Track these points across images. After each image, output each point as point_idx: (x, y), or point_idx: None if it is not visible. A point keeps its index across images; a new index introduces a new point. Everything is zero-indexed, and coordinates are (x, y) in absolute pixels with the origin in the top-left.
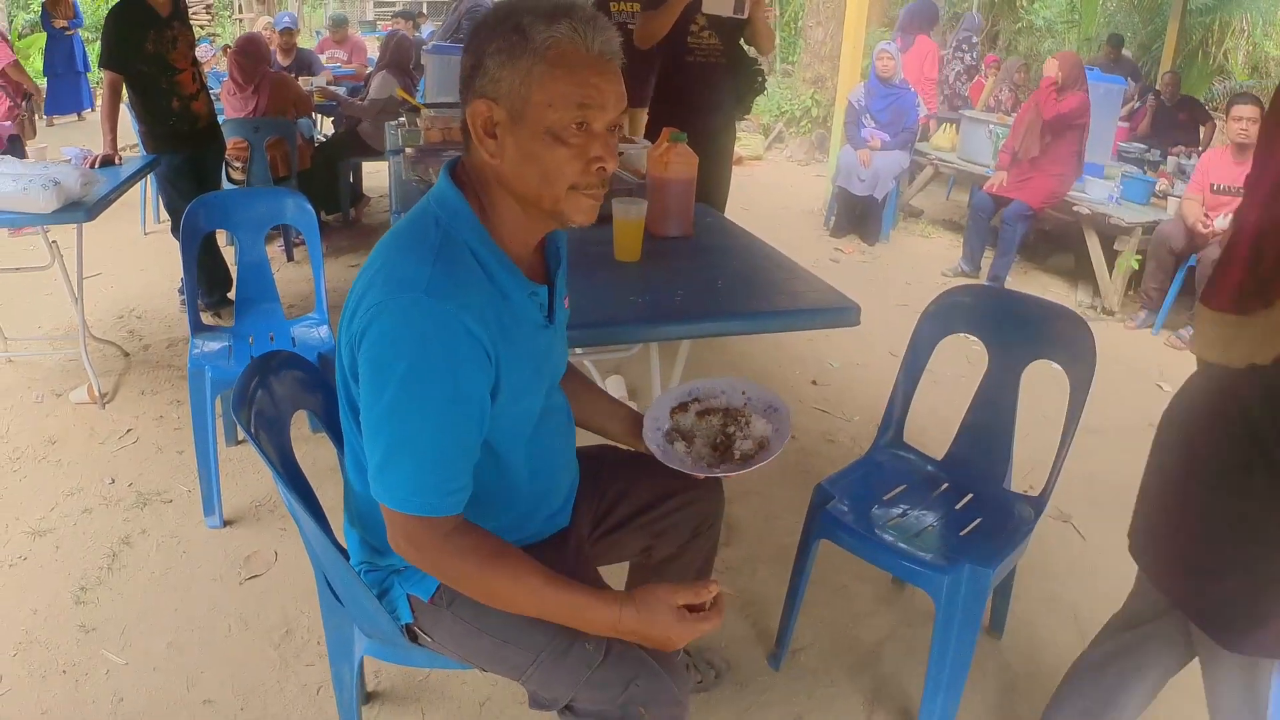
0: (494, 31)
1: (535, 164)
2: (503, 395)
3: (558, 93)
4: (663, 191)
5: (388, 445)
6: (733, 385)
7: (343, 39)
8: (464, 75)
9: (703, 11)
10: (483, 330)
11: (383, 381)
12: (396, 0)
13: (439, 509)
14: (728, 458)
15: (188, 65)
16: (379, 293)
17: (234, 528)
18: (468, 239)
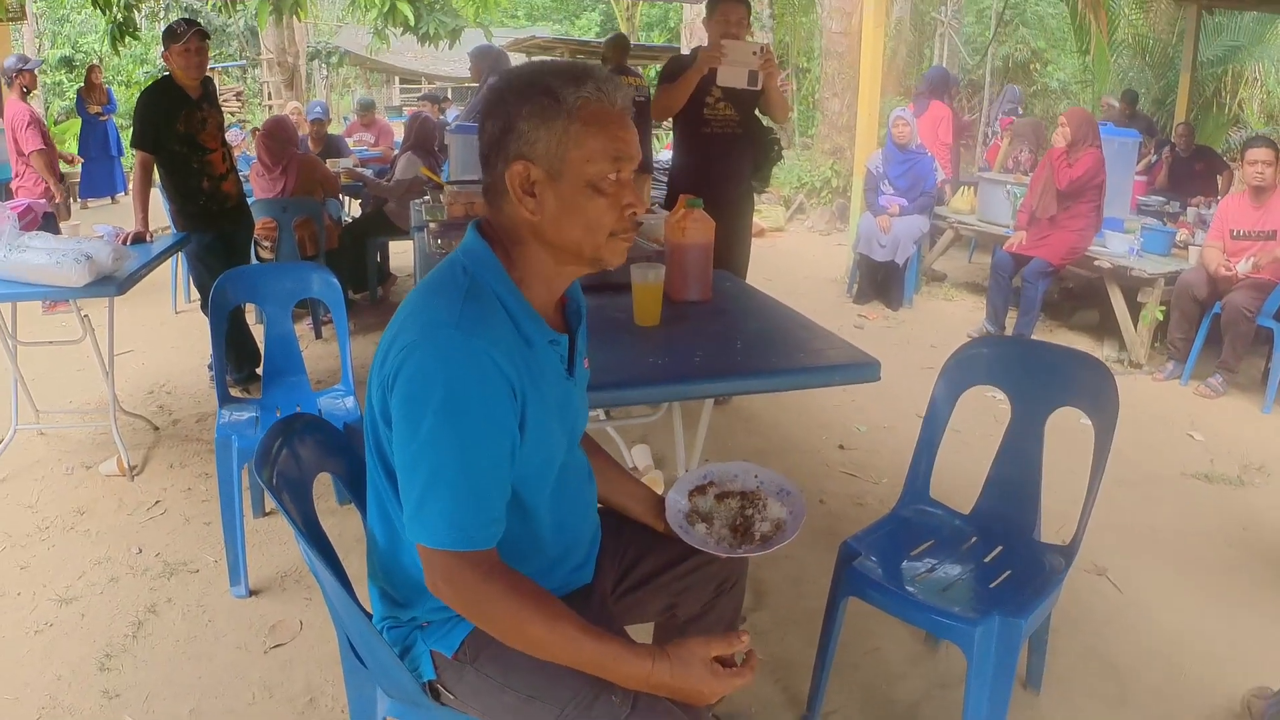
0: (522, 97)
1: (578, 215)
2: (528, 436)
3: (593, 149)
4: (681, 257)
5: (426, 480)
6: (745, 469)
7: (370, 122)
8: (492, 139)
9: (718, 84)
10: (509, 366)
11: (418, 415)
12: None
13: (477, 541)
14: (747, 539)
15: (218, 146)
16: (411, 333)
17: (259, 597)
18: (494, 286)
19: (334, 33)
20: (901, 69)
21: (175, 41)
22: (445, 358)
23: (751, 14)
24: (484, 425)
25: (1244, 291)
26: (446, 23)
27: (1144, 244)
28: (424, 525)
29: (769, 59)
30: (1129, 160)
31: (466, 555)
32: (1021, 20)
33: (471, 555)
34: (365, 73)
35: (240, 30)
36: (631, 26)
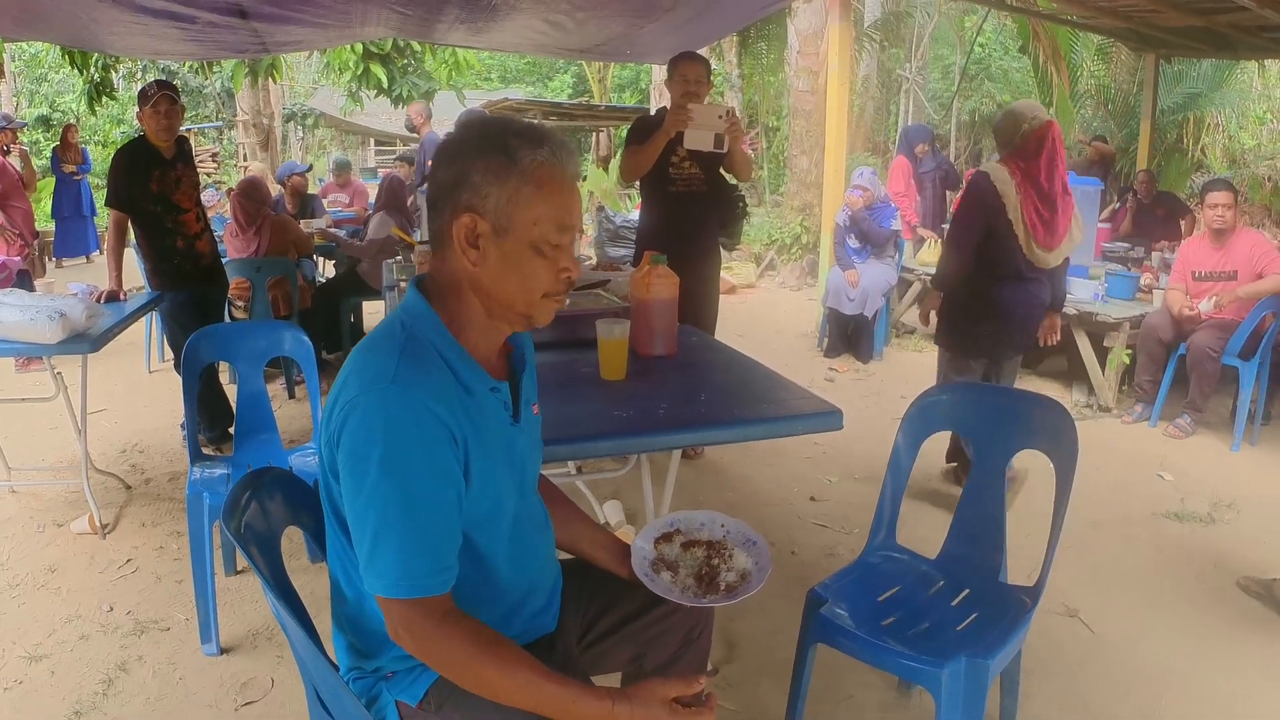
0: (479, 150)
1: (516, 273)
2: (473, 482)
3: (541, 212)
4: (646, 312)
5: (374, 532)
6: (712, 519)
7: (345, 183)
8: (444, 187)
9: (684, 147)
10: (449, 416)
11: (363, 469)
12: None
13: (429, 588)
14: (712, 589)
15: (192, 205)
16: (352, 390)
17: (231, 655)
18: (431, 338)
19: (309, 95)
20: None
21: (147, 103)
22: (384, 412)
23: (711, 72)
24: (426, 474)
25: (1208, 331)
26: (419, 85)
27: (1109, 289)
28: (377, 575)
29: (734, 122)
30: (1092, 208)
31: (421, 602)
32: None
33: (426, 602)
34: (340, 134)
35: (217, 92)
36: (603, 89)
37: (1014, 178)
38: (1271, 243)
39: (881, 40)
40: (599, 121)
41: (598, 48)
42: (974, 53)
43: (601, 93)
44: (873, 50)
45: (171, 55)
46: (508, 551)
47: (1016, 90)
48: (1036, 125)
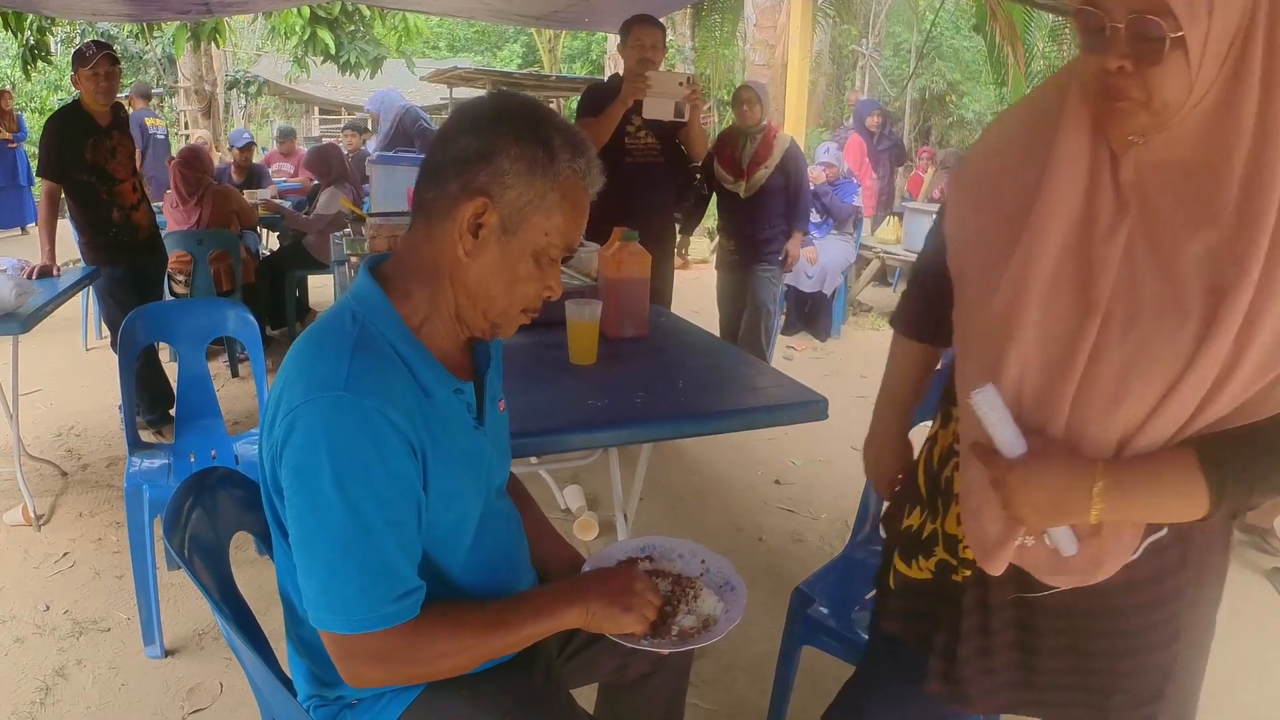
0: (520, 136)
1: (508, 276)
2: (433, 496)
3: (557, 225)
4: (616, 292)
5: (328, 561)
6: (694, 551)
7: (290, 151)
8: (462, 157)
9: (643, 116)
10: (407, 424)
11: (311, 490)
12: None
13: (397, 616)
14: (663, 631)
15: (128, 175)
16: (296, 395)
17: (176, 658)
18: (386, 333)
19: (253, 62)
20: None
21: (84, 65)
22: (333, 425)
23: (666, 37)
24: (383, 494)
25: None
26: (368, 51)
27: None
28: (334, 610)
29: (695, 89)
30: None
31: (390, 630)
32: (938, 54)
33: (396, 627)
34: (284, 103)
35: (158, 58)
36: (553, 59)
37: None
38: None
39: (835, 16)
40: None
41: (554, 14)
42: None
43: (552, 63)
44: (826, 25)
45: (111, 16)
46: (470, 565)
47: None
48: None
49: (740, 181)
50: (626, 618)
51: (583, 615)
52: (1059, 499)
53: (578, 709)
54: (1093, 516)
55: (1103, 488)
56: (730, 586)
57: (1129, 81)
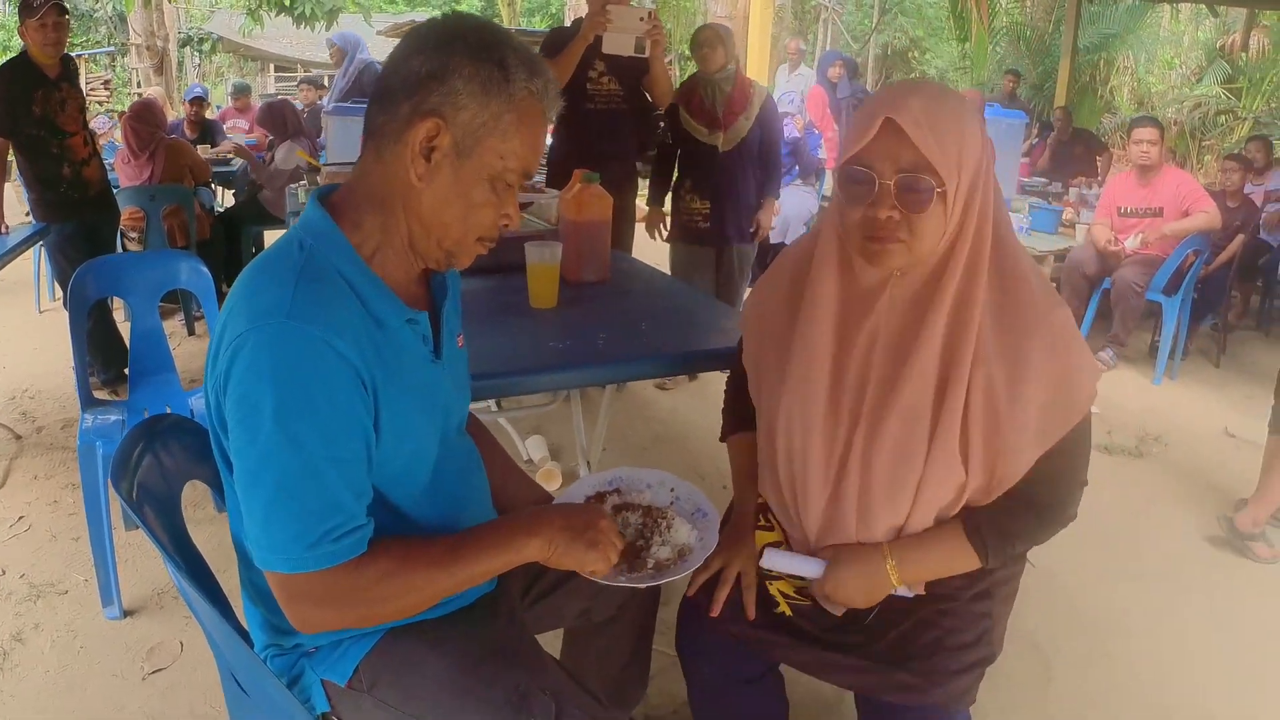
0: (471, 54)
1: (462, 202)
2: (385, 432)
3: (514, 148)
4: (577, 235)
5: (269, 495)
6: (662, 480)
7: (245, 108)
8: (413, 78)
9: (603, 52)
10: (356, 355)
11: (254, 421)
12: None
13: (343, 553)
14: (639, 565)
15: (79, 129)
16: (239, 324)
17: (135, 618)
18: (335, 261)
19: (206, 18)
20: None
21: (31, 16)
22: (278, 351)
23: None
24: (330, 424)
25: (1132, 267)
26: (323, 3)
27: (1032, 223)
28: (275, 549)
29: (656, 25)
30: (1015, 141)
31: (332, 571)
32: (900, 9)
33: (341, 566)
34: (239, 60)
35: (109, 15)
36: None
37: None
38: (1197, 181)
39: None
40: None
41: None
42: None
43: (511, 16)
44: None
45: None
46: (430, 504)
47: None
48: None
49: (718, 132)
50: (591, 554)
51: (544, 547)
52: (867, 584)
53: (543, 653)
54: (896, 583)
55: (894, 564)
56: (702, 513)
57: (897, 227)
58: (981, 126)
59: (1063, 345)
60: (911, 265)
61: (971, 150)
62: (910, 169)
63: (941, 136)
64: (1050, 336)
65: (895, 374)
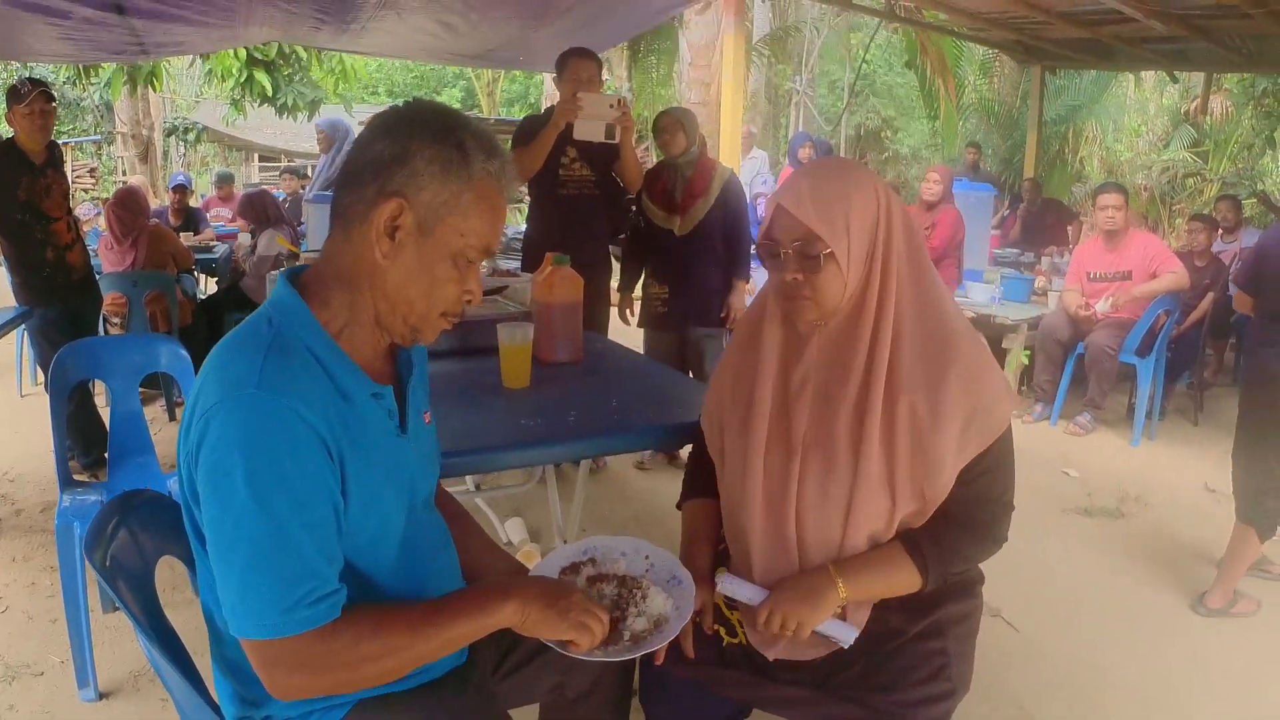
0: (432, 137)
1: (426, 279)
2: (352, 503)
3: (474, 226)
4: (549, 316)
5: (244, 563)
6: (636, 548)
7: (228, 196)
8: (377, 161)
9: (574, 139)
10: (323, 425)
11: (226, 490)
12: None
13: (318, 617)
14: (614, 639)
15: (63, 215)
16: (210, 397)
17: (111, 700)
18: (303, 337)
19: (192, 108)
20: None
21: (18, 102)
22: (248, 420)
23: (602, 70)
24: (301, 491)
25: (1105, 330)
26: (305, 94)
27: (1004, 292)
28: (251, 616)
29: (626, 111)
30: (985, 213)
31: (310, 633)
32: (872, 91)
33: (315, 633)
34: (224, 150)
35: (95, 104)
36: (492, 102)
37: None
38: (1163, 243)
39: (770, 56)
40: None
41: (490, 53)
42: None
43: (491, 106)
44: (761, 65)
45: (44, 56)
46: (398, 576)
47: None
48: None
49: (674, 217)
50: (563, 624)
51: (518, 612)
52: (813, 597)
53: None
54: (842, 596)
55: (840, 581)
56: (677, 581)
57: (801, 287)
58: (879, 190)
59: (979, 373)
60: (825, 317)
61: (861, 213)
62: (801, 239)
63: (826, 208)
64: (967, 366)
65: (823, 411)
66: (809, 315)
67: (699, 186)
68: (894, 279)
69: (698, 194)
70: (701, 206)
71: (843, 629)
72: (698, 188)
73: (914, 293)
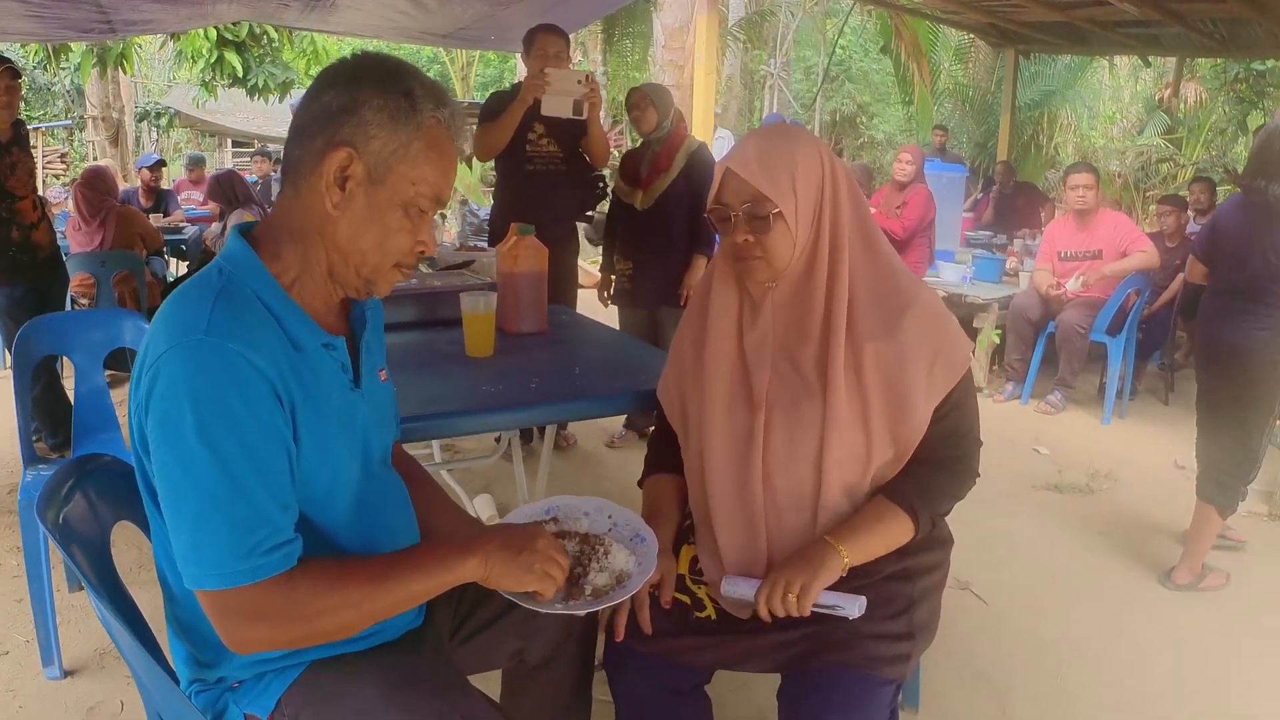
0: (379, 86)
1: (378, 228)
2: (304, 451)
3: (424, 174)
4: (514, 286)
5: (196, 511)
6: (599, 507)
7: (199, 179)
8: (325, 113)
9: (541, 114)
10: (273, 371)
11: (175, 438)
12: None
13: (274, 566)
14: (576, 593)
15: (28, 193)
16: (159, 345)
17: (76, 678)
18: (254, 286)
19: (164, 93)
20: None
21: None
22: (196, 368)
23: (570, 46)
24: (251, 436)
25: (1075, 309)
26: (276, 75)
27: (976, 272)
28: (205, 566)
29: (594, 87)
30: (957, 194)
31: (266, 584)
32: (847, 76)
33: (271, 581)
34: (197, 135)
35: (66, 89)
36: (466, 88)
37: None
38: (1133, 222)
39: (745, 40)
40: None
41: (460, 32)
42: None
43: (465, 91)
44: (736, 50)
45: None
46: (353, 532)
47: (876, 91)
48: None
49: (637, 191)
50: (528, 576)
51: (481, 566)
52: (814, 562)
53: (468, 685)
54: (845, 559)
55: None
56: (640, 538)
57: (752, 248)
58: (822, 152)
59: (934, 317)
60: (775, 276)
61: (807, 173)
62: (750, 200)
63: (771, 169)
64: (921, 312)
65: (785, 367)
66: (760, 275)
67: (664, 161)
68: (844, 236)
69: (661, 168)
70: (663, 180)
71: (847, 600)
72: (663, 162)
73: (863, 248)
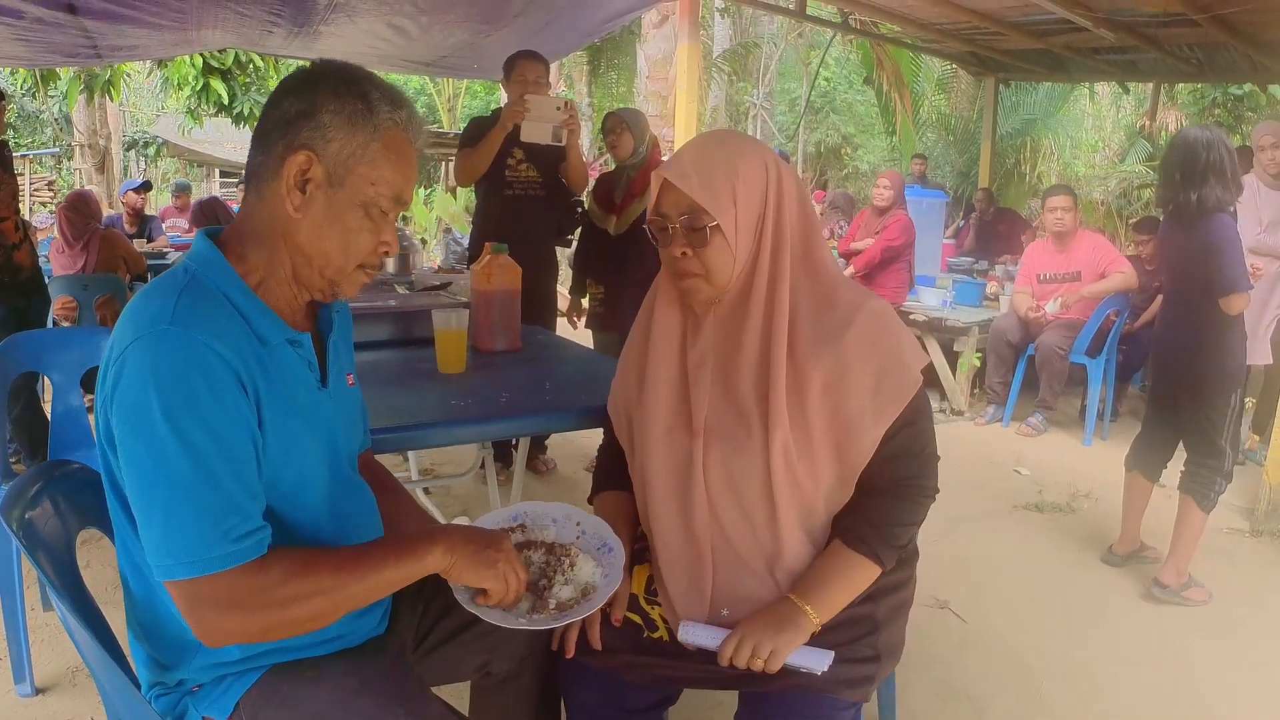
0: (335, 91)
1: (339, 229)
2: (269, 441)
3: (383, 175)
4: (487, 303)
5: (166, 501)
6: (568, 514)
7: (185, 206)
8: (284, 118)
9: (521, 141)
10: (238, 361)
11: (141, 429)
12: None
13: (244, 553)
14: (540, 606)
15: (10, 214)
16: (124, 338)
17: (47, 695)
18: (220, 284)
19: (152, 122)
20: None
21: None
22: (161, 356)
23: (549, 72)
24: (218, 424)
25: (1055, 331)
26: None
27: (956, 296)
28: (174, 555)
29: (573, 114)
30: (937, 219)
31: (238, 569)
32: (831, 108)
33: (244, 568)
34: (185, 165)
35: (54, 117)
36: (452, 118)
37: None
38: (1111, 244)
39: (730, 72)
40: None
41: (443, 60)
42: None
43: (450, 122)
44: (721, 81)
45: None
46: (323, 533)
47: (860, 122)
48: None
49: (610, 216)
50: (489, 572)
51: (445, 556)
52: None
53: (428, 693)
54: (814, 621)
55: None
56: (608, 548)
57: (691, 263)
58: (767, 159)
59: (880, 333)
60: (718, 294)
61: (749, 183)
62: (687, 212)
63: (709, 180)
64: (866, 328)
65: (722, 390)
66: (702, 295)
67: (639, 186)
68: (786, 250)
69: (636, 193)
70: (638, 206)
71: (816, 656)
72: (638, 187)
73: (805, 263)
